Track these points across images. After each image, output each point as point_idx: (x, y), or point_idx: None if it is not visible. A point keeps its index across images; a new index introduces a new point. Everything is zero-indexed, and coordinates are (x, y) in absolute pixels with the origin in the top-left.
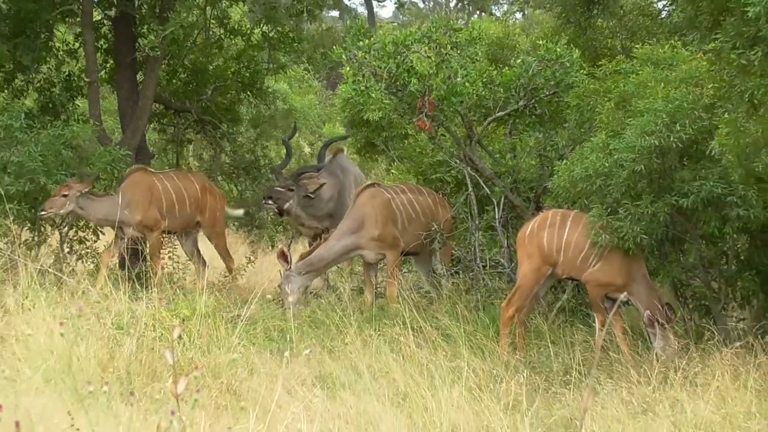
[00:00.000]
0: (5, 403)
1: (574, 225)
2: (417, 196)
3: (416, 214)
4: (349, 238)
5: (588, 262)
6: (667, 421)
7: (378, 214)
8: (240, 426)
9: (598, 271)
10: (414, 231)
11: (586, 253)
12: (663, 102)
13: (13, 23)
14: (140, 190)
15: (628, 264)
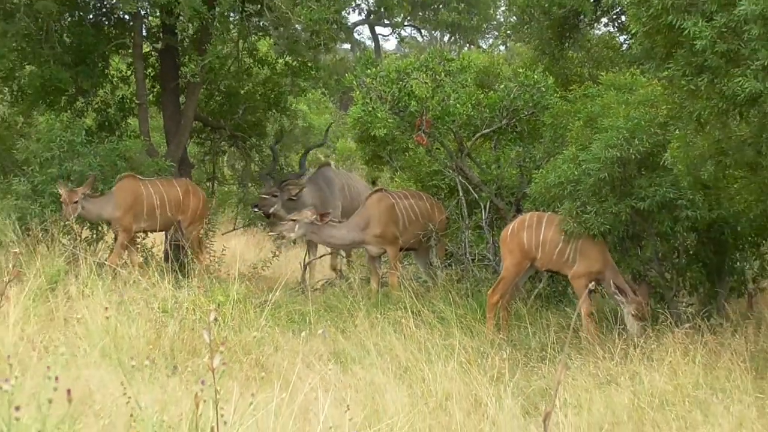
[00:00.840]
0: (68, 375)
1: (549, 225)
2: (417, 201)
3: (416, 216)
4: (357, 234)
5: (563, 257)
6: (628, 390)
7: (382, 216)
8: (266, 394)
9: (579, 265)
10: (414, 230)
11: (561, 249)
12: (624, 120)
13: (74, 54)
14: (126, 194)
15: (600, 252)
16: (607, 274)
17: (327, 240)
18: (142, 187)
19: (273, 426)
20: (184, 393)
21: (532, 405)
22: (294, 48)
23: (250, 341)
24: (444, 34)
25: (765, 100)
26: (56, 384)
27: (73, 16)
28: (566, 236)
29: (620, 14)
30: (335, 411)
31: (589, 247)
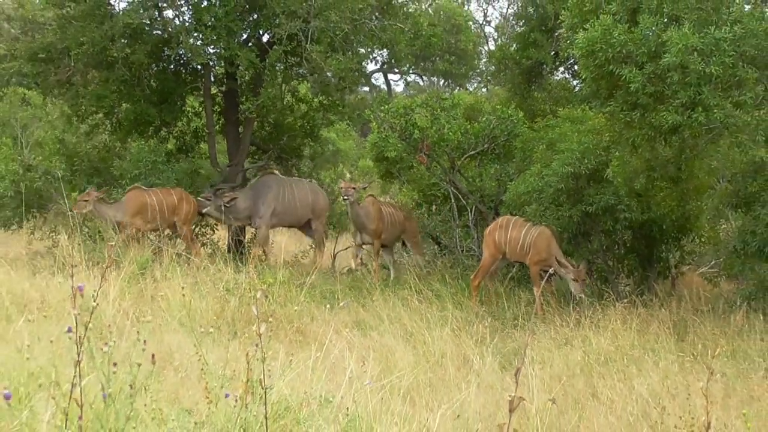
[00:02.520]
0: (154, 339)
1: (514, 227)
2: (395, 211)
3: (393, 222)
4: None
5: (523, 250)
6: (580, 350)
7: (374, 215)
8: (304, 354)
9: (533, 255)
10: (391, 232)
11: (521, 244)
12: (576, 145)
13: (159, 95)
14: (134, 201)
15: (546, 245)
16: (552, 260)
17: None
18: (146, 195)
19: (309, 378)
20: (241, 353)
21: (508, 362)
22: (325, 90)
23: (292, 313)
24: (439, 79)
25: (683, 129)
26: (144, 346)
27: (159, 66)
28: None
29: (574, 64)
30: (357, 366)
31: (539, 243)
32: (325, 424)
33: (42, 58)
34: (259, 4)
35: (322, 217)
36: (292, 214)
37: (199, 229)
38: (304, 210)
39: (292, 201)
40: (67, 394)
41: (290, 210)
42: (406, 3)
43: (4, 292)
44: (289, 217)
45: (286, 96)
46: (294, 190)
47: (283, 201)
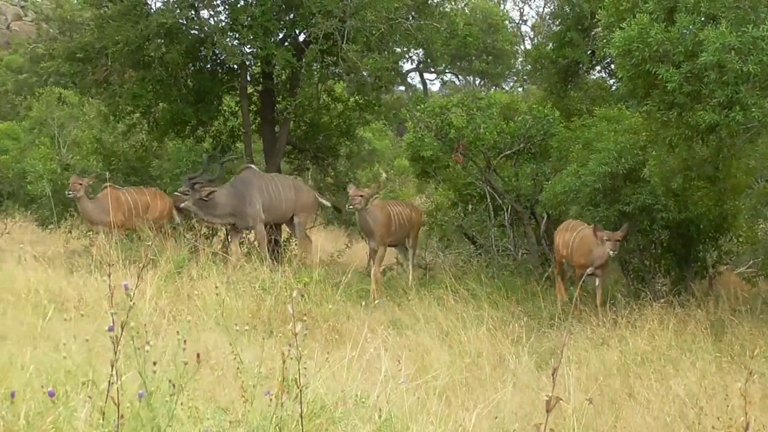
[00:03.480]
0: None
1: (571, 231)
2: (403, 209)
3: (402, 222)
4: None
5: (574, 252)
6: (617, 350)
7: (383, 220)
8: (339, 353)
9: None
10: (400, 232)
11: (572, 247)
12: (613, 144)
13: (196, 94)
14: (111, 199)
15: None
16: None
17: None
18: (121, 194)
19: (345, 377)
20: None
21: (544, 361)
22: (362, 89)
23: (328, 312)
24: (476, 78)
25: (721, 129)
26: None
27: (195, 65)
28: (573, 237)
29: (610, 63)
30: (393, 365)
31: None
32: (361, 424)
33: (79, 57)
34: (295, 3)
35: (305, 213)
36: (277, 209)
37: None
38: (288, 205)
39: (276, 196)
40: (104, 392)
41: (275, 205)
42: (442, 2)
43: (42, 290)
44: (273, 213)
45: (322, 95)
46: (278, 186)
47: (269, 196)
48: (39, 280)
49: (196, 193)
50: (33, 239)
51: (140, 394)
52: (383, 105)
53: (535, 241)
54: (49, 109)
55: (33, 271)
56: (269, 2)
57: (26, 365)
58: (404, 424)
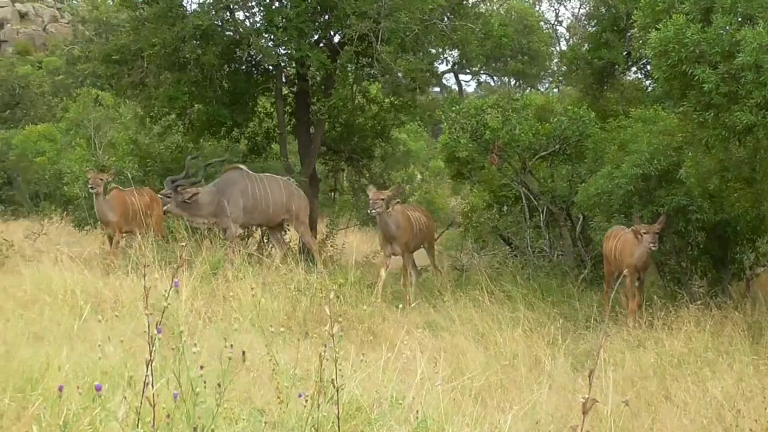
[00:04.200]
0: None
1: (614, 238)
2: (420, 215)
3: (421, 228)
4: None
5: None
6: (653, 352)
7: (405, 225)
8: (375, 354)
9: (627, 263)
10: (419, 239)
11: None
12: (647, 146)
13: (231, 96)
14: (118, 201)
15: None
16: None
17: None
18: (126, 196)
19: (381, 378)
20: (313, 353)
21: (580, 363)
22: (396, 90)
23: (363, 313)
24: (511, 80)
25: (758, 129)
26: (231, 351)
27: (230, 67)
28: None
29: (646, 64)
30: (428, 367)
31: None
32: (396, 425)
33: (116, 59)
34: (330, 5)
35: (301, 217)
36: (262, 212)
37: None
38: (276, 208)
39: (262, 197)
40: (139, 393)
41: (261, 207)
42: (477, 3)
43: (78, 291)
44: (258, 215)
45: (357, 97)
46: (266, 187)
47: (253, 197)
48: (75, 281)
49: (179, 196)
50: (69, 240)
51: (175, 395)
52: (418, 106)
53: (571, 242)
54: (86, 110)
55: (69, 272)
56: (304, 4)
57: (63, 366)
58: (440, 425)
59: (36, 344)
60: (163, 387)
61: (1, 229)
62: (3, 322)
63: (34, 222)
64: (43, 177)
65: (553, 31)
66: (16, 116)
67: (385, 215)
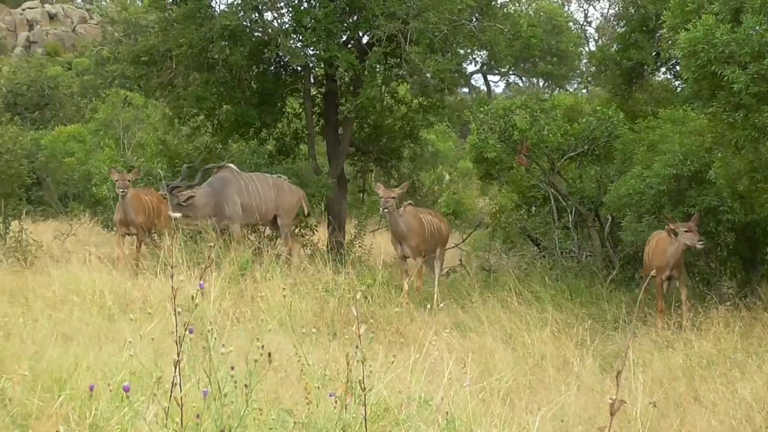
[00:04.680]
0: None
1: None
2: (433, 218)
3: (433, 231)
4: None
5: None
6: (682, 353)
7: (417, 227)
8: (403, 355)
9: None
10: (431, 243)
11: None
12: (678, 146)
13: (260, 96)
14: (138, 200)
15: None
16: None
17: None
18: (142, 194)
19: (409, 379)
20: (341, 354)
21: (608, 364)
22: (425, 91)
23: (391, 314)
24: (540, 80)
25: None
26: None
27: (259, 67)
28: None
29: (675, 65)
30: (456, 368)
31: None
32: (424, 426)
33: (144, 60)
34: (358, 5)
35: (289, 214)
36: (256, 210)
37: (299, 230)
38: (268, 206)
39: (255, 196)
40: (168, 392)
41: (255, 205)
42: (506, 4)
43: (107, 291)
44: (253, 214)
45: (385, 97)
46: (257, 185)
47: (248, 196)
48: (104, 281)
49: (175, 198)
50: (98, 241)
51: (204, 392)
52: (447, 107)
53: (599, 243)
54: (115, 111)
55: (98, 273)
56: (332, 5)
57: (91, 366)
58: (468, 426)
59: (65, 344)
60: (192, 387)
61: (30, 229)
62: (32, 323)
63: (62, 223)
64: (72, 178)
65: (582, 31)
66: (46, 117)
67: (396, 215)
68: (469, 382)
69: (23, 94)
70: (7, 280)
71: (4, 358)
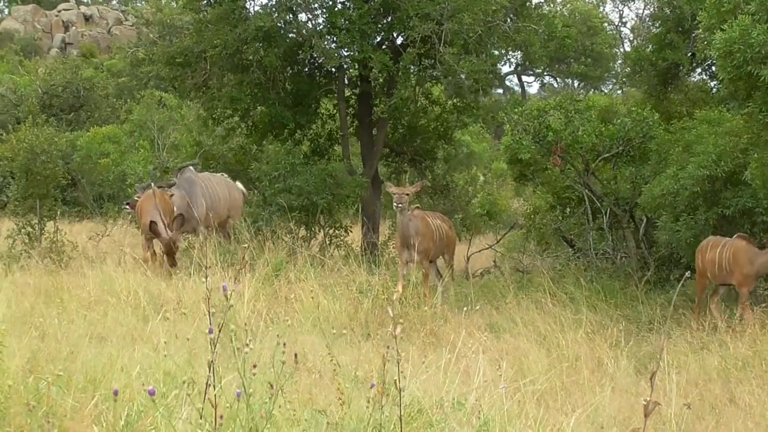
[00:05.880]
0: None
1: (713, 248)
2: (441, 222)
3: (441, 236)
4: None
5: (723, 271)
6: (717, 355)
7: (424, 231)
8: (437, 356)
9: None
10: (438, 247)
11: (724, 264)
12: (713, 147)
13: (294, 97)
14: (168, 203)
15: (747, 260)
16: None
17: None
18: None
19: (442, 380)
20: (375, 354)
21: (643, 365)
22: (459, 92)
23: (425, 315)
24: (574, 81)
25: None
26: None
27: (293, 69)
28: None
29: (711, 65)
30: (490, 369)
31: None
32: (458, 427)
33: (179, 61)
34: (392, 6)
35: (239, 214)
36: (218, 209)
37: (333, 231)
38: (224, 204)
39: (215, 196)
40: (202, 393)
41: (216, 205)
42: (540, 4)
43: (141, 292)
44: (215, 214)
45: (419, 98)
46: (214, 185)
47: (210, 196)
48: (138, 282)
49: None
50: (133, 242)
51: (238, 393)
52: (481, 108)
53: (634, 244)
54: (149, 112)
55: (133, 274)
56: (366, 6)
57: (126, 366)
58: (502, 428)
59: (99, 345)
60: (225, 387)
61: (65, 230)
62: (67, 323)
63: (97, 224)
64: (107, 179)
65: (617, 32)
66: (81, 118)
67: (407, 215)
68: (503, 384)
69: (59, 96)
70: (42, 281)
71: (39, 358)
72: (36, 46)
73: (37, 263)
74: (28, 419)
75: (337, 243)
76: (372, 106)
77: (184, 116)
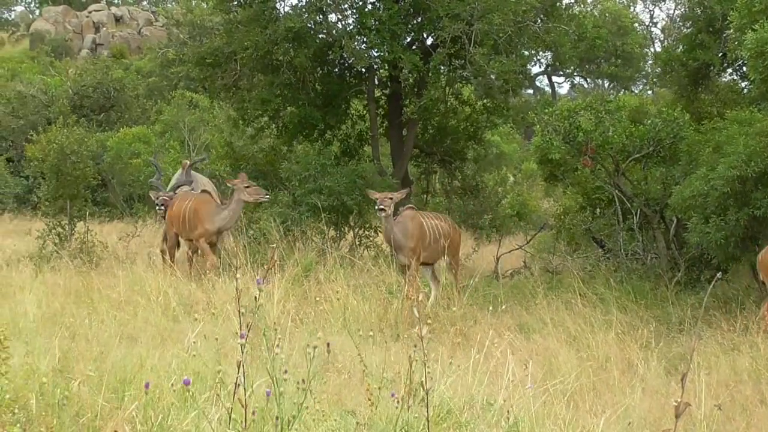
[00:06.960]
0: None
1: None
2: (440, 222)
3: (437, 237)
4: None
5: None
6: (748, 356)
7: (413, 232)
8: (466, 357)
9: None
10: (435, 249)
11: None
12: (743, 147)
13: (324, 98)
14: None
15: None
16: None
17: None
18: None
19: (471, 381)
20: (404, 355)
21: (673, 367)
22: (489, 93)
23: (455, 316)
24: (605, 81)
25: None
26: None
27: (323, 69)
28: None
29: (742, 65)
30: (519, 370)
31: None
32: (487, 428)
33: (209, 62)
34: (422, 7)
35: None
36: None
37: (363, 231)
38: None
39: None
40: (231, 392)
41: None
42: (571, 5)
43: (171, 293)
44: None
45: (449, 99)
46: (197, 184)
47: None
48: (168, 282)
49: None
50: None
51: (268, 392)
52: (511, 108)
53: (665, 245)
54: (180, 113)
55: (162, 274)
56: (396, 6)
57: (155, 366)
58: (531, 429)
59: (129, 345)
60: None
61: (95, 231)
62: (97, 323)
63: (128, 224)
64: (138, 179)
65: (648, 32)
66: (111, 119)
67: (390, 222)
68: (532, 385)
69: (89, 96)
70: (72, 281)
71: (70, 358)
72: (67, 46)
73: (67, 264)
74: (59, 419)
75: (367, 244)
76: (402, 106)
77: (215, 117)
